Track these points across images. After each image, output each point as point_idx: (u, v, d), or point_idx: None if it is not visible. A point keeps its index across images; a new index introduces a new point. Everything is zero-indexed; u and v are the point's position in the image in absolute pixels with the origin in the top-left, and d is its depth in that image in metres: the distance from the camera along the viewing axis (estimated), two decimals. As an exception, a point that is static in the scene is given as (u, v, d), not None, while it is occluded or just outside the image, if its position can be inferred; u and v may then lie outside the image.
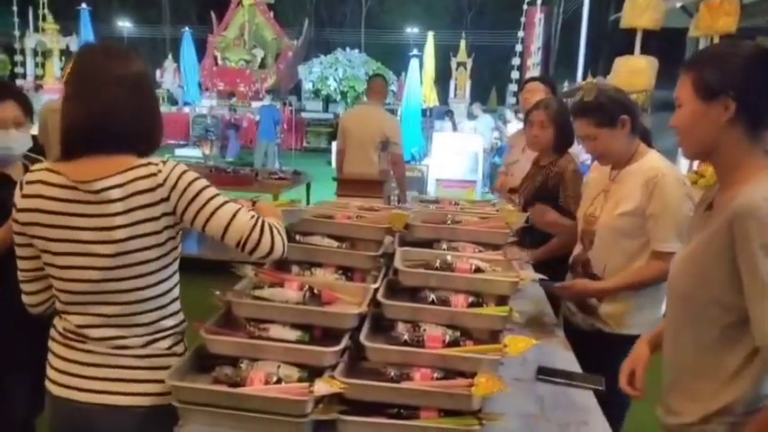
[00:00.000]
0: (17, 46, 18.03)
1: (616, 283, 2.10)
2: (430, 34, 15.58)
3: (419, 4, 30.10)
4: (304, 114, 18.78)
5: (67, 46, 16.75)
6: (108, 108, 1.36)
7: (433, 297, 1.66)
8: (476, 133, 11.49)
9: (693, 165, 6.05)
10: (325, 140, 16.97)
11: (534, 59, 14.74)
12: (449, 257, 1.81)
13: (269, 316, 1.54)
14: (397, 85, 17.83)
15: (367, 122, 5.23)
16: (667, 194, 1.99)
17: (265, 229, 1.42)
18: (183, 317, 1.54)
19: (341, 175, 5.35)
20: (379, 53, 22.10)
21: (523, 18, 14.80)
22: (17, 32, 17.99)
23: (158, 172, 1.38)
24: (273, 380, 1.39)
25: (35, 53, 17.89)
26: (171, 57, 20.50)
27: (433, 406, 1.38)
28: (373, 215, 2.15)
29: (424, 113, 14.29)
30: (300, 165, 11.04)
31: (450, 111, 14.07)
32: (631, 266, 2.10)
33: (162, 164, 1.40)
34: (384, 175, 5.41)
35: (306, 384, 1.35)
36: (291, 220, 1.84)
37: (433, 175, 9.74)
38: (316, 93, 19.58)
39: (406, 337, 1.51)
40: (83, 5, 17.01)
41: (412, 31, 27.60)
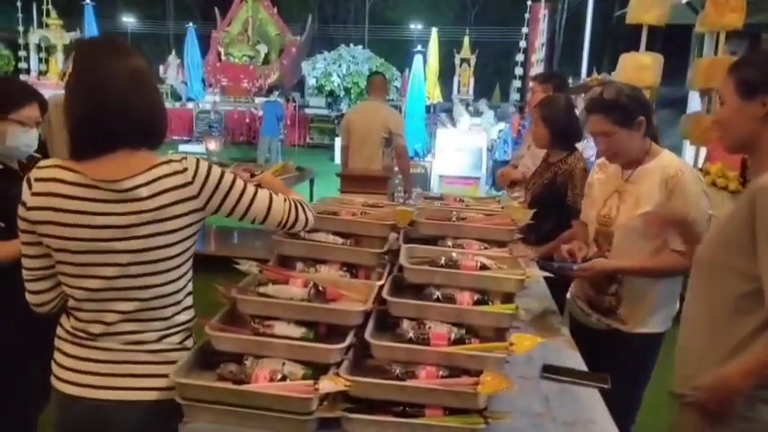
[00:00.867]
0: (21, 41, 18.03)
1: (635, 265, 2.09)
2: (434, 30, 15.50)
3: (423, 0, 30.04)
4: (307, 110, 18.77)
5: (71, 41, 16.75)
6: (122, 103, 1.35)
7: (438, 294, 1.65)
8: (479, 129, 11.45)
9: (698, 163, 6.03)
10: (329, 137, 16.96)
11: (538, 56, 14.68)
12: (454, 254, 1.80)
13: (274, 313, 1.54)
14: (401, 81, 17.79)
15: (370, 118, 5.25)
16: (688, 193, 1.99)
17: (299, 208, 1.63)
18: (194, 312, 1.54)
19: (346, 170, 5.35)
20: (383, 49, 22.04)
21: (527, 14, 14.73)
22: (21, 28, 18.00)
23: (184, 169, 1.39)
24: (278, 377, 1.38)
25: (39, 49, 17.90)
26: (174, 52, 20.50)
27: (438, 404, 1.37)
28: (378, 212, 2.14)
29: (427, 110, 14.26)
30: (303, 161, 11.04)
31: (449, 110, 14.05)
32: None
33: (185, 161, 1.41)
34: (388, 171, 5.41)
35: (311, 382, 1.35)
36: (291, 185, 2.07)
37: (437, 171, 9.72)
38: (319, 89, 19.54)
39: (411, 335, 1.51)
40: (87, 1, 17.01)
41: (416, 27, 27.51)
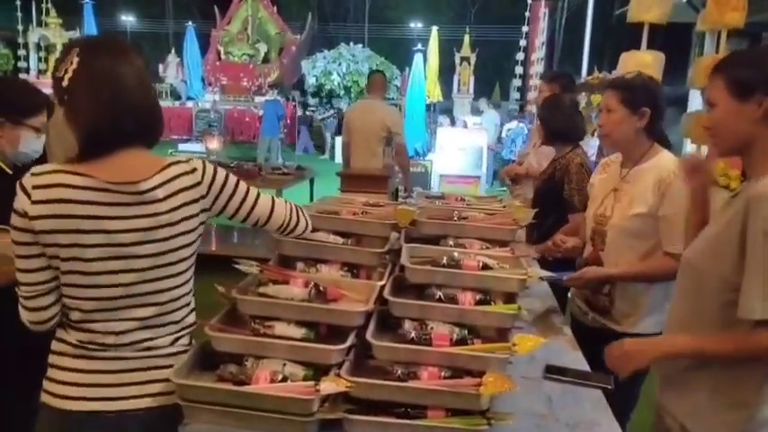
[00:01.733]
0: (20, 40, 18.00)
1: (627, 271, 2.09)
2: (434, 29, 15.48)
3: (423, -2, 30.02)
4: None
5: (69, 41, 16.72)
6: (132, 103, 1.33)
7: (440, 294, 1.64)
8: (479, 127, 11.45)
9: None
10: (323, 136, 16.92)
11: (538, 54, 14.65)
12: (456, 254, 1.79)
13: (274, 313, 1.52)
14: (401, 79, 17.77)
15: (369, 116, 5.26)
16: (680, 196, 1.96)
17: (298, 211, 1.65)
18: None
19: (346, 169, 5.35)
20: (383, 48, 22.03)
21: (527, 13, 14.70)
22: (20, 27, 17.96)
23: (193, 170, 1.39)
24: (279, 378, 1.37)
25: (38, 47, 17.86)
26: (174, 51, 20.48)
27: (440, 405, 1.36)
28: (379, 211, 2.12)
29: (427, 108, 14.24)
30: (303, 160, 11.04)
31: (450, 110, 14.06)
32: None
33: (192, 161, 1.41)
34: (388, 170, 5.41)
35: (312, 383, 1.33)
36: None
37: (437, 170, 9.71)
38: (319, 88, 19.53)
39: (412, 335, 1.50)
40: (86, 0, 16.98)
41: (416, 25, 27.51)
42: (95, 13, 17.53)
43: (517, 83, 14.90)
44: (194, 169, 1.40)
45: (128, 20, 29.18)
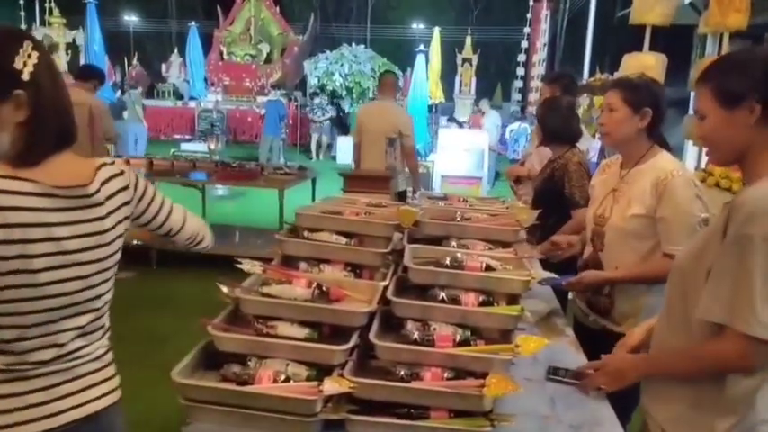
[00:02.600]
0: (23, 40, 18.02)
1: (626, 274, 2.08)
2: (436, 30, 15.51)
3: (425, -1, 30.06)
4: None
5: (74, 40, 16.75)
6: (67, 101, 1.28)
7: (443, 295, 1.64)
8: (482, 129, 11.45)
9: (701, 163, 6.01)
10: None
11: (540, 56, 14.68)
12: (459, 255, 1.78)
13: (277, 313, 1.53)
14: (403, 80, 17.78)
15: (380, 117, 5.26)
16: (677, 197, 1.96)
17: (206, 228, 1.61)
18: None
19: (357, 169, 5.35)
20: (385, 49, 22.00)
21: (529, 14, 14.73)
22: (23, 26, 17.98)
23: (122, 172, 1.35)
24: (282, 378, 1.37)
25: (41, 47, 17.89)
26: (177, 51, 20.49)
27: (443, 406, 1.36)
28: (381, 211, 2.12)
29: (429, 109, 14.25)
30: (305, 160, 11.04)
31: (451, 111, 14.06)
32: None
33: (117, 164, 1.36)
34: (391, 170, 5.40)
35: (315, 383, 1.33)
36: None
37: (439, 171, 9.71)
38: (321, 88, 19.54)
39: (415, 336, 1.49)
40: (89, -1, 17.00)
41: (418, 26, 27.54)
42: (98, 13, 17.53)
43: (519, 84, 14.94)
44: (122, 171, 1.35)
45: (131, 20, 29.24)
